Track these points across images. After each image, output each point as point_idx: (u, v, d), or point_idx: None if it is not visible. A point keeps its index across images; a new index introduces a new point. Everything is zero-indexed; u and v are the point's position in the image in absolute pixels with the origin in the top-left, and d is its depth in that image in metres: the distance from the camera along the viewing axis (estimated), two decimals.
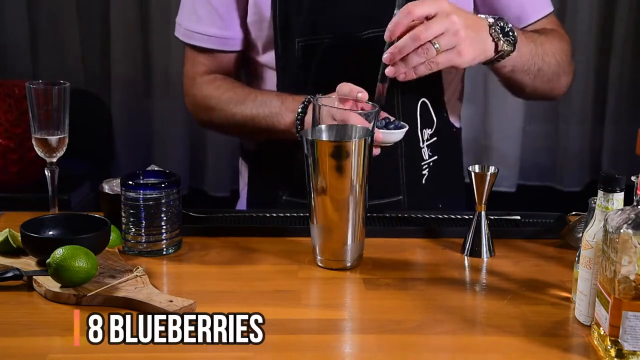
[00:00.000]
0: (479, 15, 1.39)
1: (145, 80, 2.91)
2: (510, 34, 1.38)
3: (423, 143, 1.58)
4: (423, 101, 1.56)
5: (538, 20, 1.61)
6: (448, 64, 1.32)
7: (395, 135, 1.37)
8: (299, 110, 1.44)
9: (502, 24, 1.38)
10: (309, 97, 1.45)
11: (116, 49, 2.85)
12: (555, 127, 3.02)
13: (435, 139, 1.59)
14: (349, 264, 1.26)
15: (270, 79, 1.60)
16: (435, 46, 1.29)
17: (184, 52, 1.68)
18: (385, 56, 1.32)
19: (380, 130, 1.35)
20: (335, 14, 1.51)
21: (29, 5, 2.84)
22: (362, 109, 1.31)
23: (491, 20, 1.38)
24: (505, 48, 1.39)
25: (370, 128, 1.26)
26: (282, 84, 1.57)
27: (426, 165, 1.59)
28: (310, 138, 1.22)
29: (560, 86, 1.60)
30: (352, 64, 1.51)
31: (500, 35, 1.37)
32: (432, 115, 1.58)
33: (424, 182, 1.59)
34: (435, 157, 1.60)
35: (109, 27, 2.84)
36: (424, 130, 1.57)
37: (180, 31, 1.64)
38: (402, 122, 1.40)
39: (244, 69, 1.69)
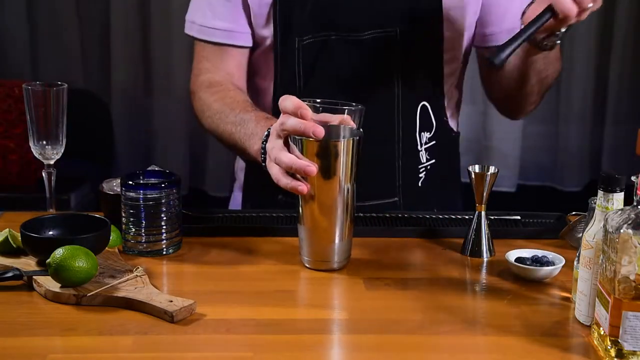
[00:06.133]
0: None
1: (145, 80, 2.91)
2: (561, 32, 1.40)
3: (421, 146, 1.57)
4: (423, 104, 1.56)
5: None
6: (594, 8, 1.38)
7: None
8: (264, 138, 1.33)
9: None
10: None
11: (116, 49, 2.85)
12: (555, 127, 3.02)
13: (433, 142, 1.59)
14: (335, 265, 1.25)
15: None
16: None
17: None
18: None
19: None
20: (339, 12, 1.49)
21: (29, 5, 2.84)
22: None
23: None
24: (556, 40, 1.40)
25: (357, 127, 1.24)
26: (279, 82, 1.54)
27: (423, 169, 1.59)
28: (298, 137, 1.21)
29: (532, 106, 1.61)
30: (352, 65, 1.50)
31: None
32: (431, 119, 1.58)
33: (420, 184, 1.59)
34: (433, 160, 1.60)
35: (109, 27, 2.84)
36: (422, 133, 1.57)
37: (194, 29, 1.59)
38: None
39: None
